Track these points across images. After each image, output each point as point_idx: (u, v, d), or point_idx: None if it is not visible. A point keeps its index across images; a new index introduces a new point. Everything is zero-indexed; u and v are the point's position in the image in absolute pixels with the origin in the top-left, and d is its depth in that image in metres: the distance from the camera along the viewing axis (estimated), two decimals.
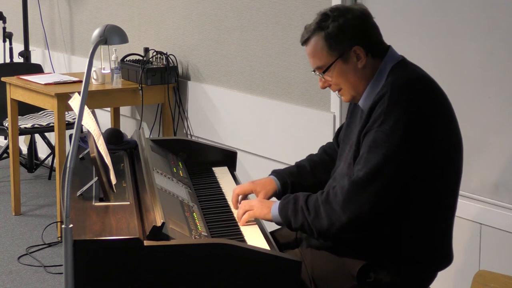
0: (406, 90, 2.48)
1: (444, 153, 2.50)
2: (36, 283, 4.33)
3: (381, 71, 2.56)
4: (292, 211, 2.55)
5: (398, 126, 2.42)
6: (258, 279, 2.38)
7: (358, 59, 2.55)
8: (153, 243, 2.34)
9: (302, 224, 2.53)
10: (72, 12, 6.08)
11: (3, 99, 5.40)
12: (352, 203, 2.44)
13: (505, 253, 3.31)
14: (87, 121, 2.72)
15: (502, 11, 3.25)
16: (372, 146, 2.44)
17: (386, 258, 2.53)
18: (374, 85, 2.56)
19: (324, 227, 2.48)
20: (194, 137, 5.03)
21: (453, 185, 2.57)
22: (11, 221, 5.26)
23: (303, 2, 4.14)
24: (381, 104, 2.46)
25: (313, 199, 2.52)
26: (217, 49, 4.80)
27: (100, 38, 2.56)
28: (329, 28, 2.54)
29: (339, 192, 2.46)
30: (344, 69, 2.56)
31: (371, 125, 2.47)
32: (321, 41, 2.56)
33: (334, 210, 2.45)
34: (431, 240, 2.55)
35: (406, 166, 2.44)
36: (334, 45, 2.54)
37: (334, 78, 2.59)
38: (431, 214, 2.52)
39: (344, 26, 2.54)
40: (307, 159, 2.95)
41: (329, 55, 2.56)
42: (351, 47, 2.54)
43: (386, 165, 2.42)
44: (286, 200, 2.59)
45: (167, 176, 2.94)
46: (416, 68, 2.61)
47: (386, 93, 2.47)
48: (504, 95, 3.28)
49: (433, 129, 2.47)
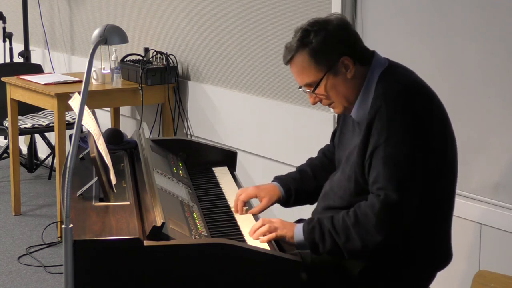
0: (400, 99, 2.46)
1: (441, 155, 2.50)
2: (36, 283, 4.33)
3: (369, 80, 2.54)
4: (319, 235, 2.50)
5: (404, 136, 2.42)
6: (258, 279, 2.38)
7: (347, 70, 2.52)
8: (153, 243, 2.34)
9: (331, 248, 2.49)
10: (72, 12, 6.08)
11: (3, 99, 5.39)
12: (387, 223, 2.42)
13: (505, 253, 3.31)
14: (87, 121, 2.72)
15: (502, 11, 3.25)
16: (386, 163, 2.42)
17: (386, 259, 2.53)
18: (364, 94, 2.54)
19: (357, 249, 2.46)
20: (194, 137, 5.03)
21: (450, 185, 2.58)
22: (11, 221, 5.26)
23: (303, 2, 4.14)
24: (379, 118, 2.45)
25: (340, 221, 2.48)
26: (217, 49, 4.80)
27: (100, 38, 2.56)
28: (313, 43, 2.51)
29: (369, 212, 2.43)
30: (335, 82, 2.54)
31: (377, 141, 2.45)
32: (307, 58, 2.52)
33: (367, 231, 2.43)
34: (430, 240, 2.55)
35: (423, 172, 2.44)
36: (321, 59, 2.51)
37: (325, 92, 2.56)
38: (429, 215, 2.52)
39: (328, 39, 2.51)
40: (307, 163, 2.94)
41: (318, 71, 2.53)
42: (338, 59, 2.51)
43: (407, 177, 2.42)
44: (311, 225, 2.53)
45: (167, 176, 2.94)
46: (405, 72, 2.59)
47: (381, 107, 2.45)
48: (504, 95, 3.28)
49: (430, 133, 2.47)
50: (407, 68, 2.62)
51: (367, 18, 3.80)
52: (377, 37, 3.74)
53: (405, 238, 2.51)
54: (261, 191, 2.83)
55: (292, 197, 2.83)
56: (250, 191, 2.84)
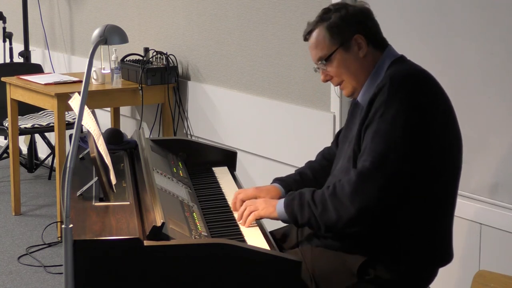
0: (405, 83, 2.49)
1: (442, 148, 2.51)
2: (36, 283, 4.33)
3: (379, 66, 2.59)
4: (298, 206, 2.55)
5: (399, 117, 2.44)
6: (258, 279, 2.38)
7: (359, 48, 2.59)
8: (153, 243, 2.34)
9: (309, 219, 2.53)
10: (72, 12, 6.08)
11: (3, 99, 5.40)
12: (360, 193, 2.44)
13: (505, 253, 3.31)
14: (87, 121, 2.72)
15: (502, 11, 3.25)
16: (374, 137, 2.45)
17: (386, 255, 2.53)
18: (373, 79, 2.59)
19: (332, 220, 2.48)
20: (194, 137, 5.03)
21: (452, 181, 2.58)
22: (11, 221, 5.26)
23: (303, 2, 4.14)
24: (381, 95, 2.48)
25: (320, 194, 2.52)
26: (217, 49, 4.80)
27: (100, 38, 2.56)
28: (331, 19, 2.60)
29: (346, 184, 2.46)
30: (346, 58, 2.60)
31: (372, 116, 2.48)
32: (323, 32, 2.61)
33: (342, 202, 2.46)
34: (431, 237, 2.55)
35: (408, 157, 2.45)
36: (335, 34, 2.59)
37: (335, 68, 2.61)
38: (430, 211, 2.53)
39: (346, 16, 2.60)
40: (307, 166, 2.94)
41: (331, 44, 2.60)
42: (352, 35, 2.59)
43: (391, 153, 2.43)
44: (292, 197, 2.59)
45: (167, 176, 2.94)
46: (415, 64, 2.63)
47: (386, 84, 2.48)
48: (504, 95, 3.28)
49: (431, 124, 2.48)
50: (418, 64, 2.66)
51: None
52: None
53: (405, 235, 2.52)
54: (261, 192, 2.83)
55: None
56: (249, 192, 2.84)
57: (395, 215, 2.50)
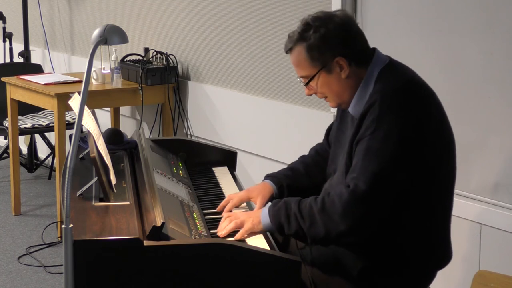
0: (397, 96, 2.46)
1: (437, 155, 2.49)
2: (36, 283, 4.33)
3: (368, 77, 2.54)
4: (285, 217, 2.50)
5: (391, 133, 2.41)
6: (258, 279, 2.38)
7: (341, 69, 2.54)
8: (153, 243, 2.34)
9: (296, 231, 2.49)
10: (72, 12, 6.08)
11: (3, 99, 5.40)
12: (352, 214, 2.40)
13: (505, 253, 3.31)
14: (87, 121, 2.72)
15: (502, 11, 3.25)
16: (366, 154, 2.42)
17: (386, 260, 2.53)
18: (362, 90, 2.55)
19: (320, 235, 2.45)
20: (194, 137, 5.03)
21: (447, 184, 2.57)
22: (11, 221, 5.26)
23: (303, 2, 4.14)
24: (372, 111, 2.44)
25: (307, 206, 2.48)
26: (217, 49, 4.80)
27: (100, 38, 2.56)
28: (311, 40, 2.53)
29: (337, 201, 2.42)
30: (328, 79, 2.55)
31: (363, 132, 2.45)
32: (303, 53, 2.55)
33: (332, 219, 2.42)
34: (428, 240, 2.55)
35: (403, 172, 2.43)
36: (316, 56, 2.53)
37: (318, 87, 2.58)
38: (427, 215, 2.52)
39: (326, 37, 2.52)
40: (300, 161, 2.93)
41: (312, 66, 2.55)
42: (333, 58, 2.53)
43: (384, 173, 2.40)
44: (277, 207, 2.54)
45: (167, 176, 2.94)
46: (405, 70, 2.59)
47: (377, 101, 2.45)
48: (504, 95, 3.28)
49: (425, 134, 2.46)
50: (407, 67, 2.62)
51: (367, 18, 3.80)
52: (377, 36, 3.73)
53: (403, 239, 2.51)
54: (252, 193, 2.81)
55: (284, 194, 2.81)
56: (241, 195, 2.82)
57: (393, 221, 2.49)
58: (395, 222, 2.49)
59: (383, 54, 2.61)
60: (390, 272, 2.54)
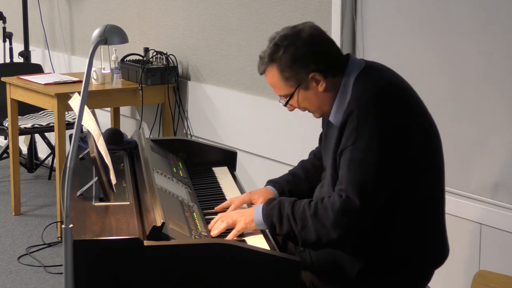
0: (374, 102, 2.44)
1: (423, 155, 2.49)
2: (36, 283, 4.33)
3: (345, 85, 2.53)
4: (278, 218, 2.51)
5: (372, 141, 2.40)
6: (258, 279, 2.38)
7: (317, 84, 2.53)
8: (153, 243, 2.34)
9: (288, 232, 2.50)
10: (72, 12, 6.08)
11: (3, 99, 5.40)
12: (343, 224, 2.41)
13: (505, 253, 3.31)
14: (87, 121, 2.72)
15: (502, 11, 3.25)
16: (350, 165, 2.42)
17: (381, 260, 2.53)
18: (340, 99, 2.53)
19: (311, 240, 2.46)
20: (194, 137, 5.03)
21: (436, 182, 2.57)
22: (11, 221, 5.26)
23: (303, 2, 4.14)
24: (351, 121, 2.43)
25: (300, 209, 2.48)
26: (217, 49, 4.80)
27: (100, 38, 2.56)
28: (282, 60, 2.52)
29: (329, 208, 2.42)
30: (306, 95, 2.55)
31: (345, 143, 2.44)
32: (276, 74, 2.55)
33: (323, 226, 2.43)
34: (423, 240, 2.54)
35: (390, 176, 2.43)
36: (290, 76, 2.52)
37: (300, 104, 2.58)
38: (420, 215, 2.52)
39: (296, 56, 2.51)
40: (299, 166, 2.94)
41: (288, 86, 2.55)
42: (308, 75, 2.51)
43: (370, 183, 2.40)
44: (271, 206, 2.54)
45: (167, 176, 2.94)
46: (382, 73, 2.57)
47: (355, 109, 2.44)
48: (504, 95, 3.28)
49: (408, 136, 2.45)
50: (383, 69, 2.60)
51: (367, 18, 3.80)
52: (377, 36, 3.74)
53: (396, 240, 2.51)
54: (254, 195, 2.81)
55: None
56: (243, 197, 2.83)
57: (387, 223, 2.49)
58: (389, 223, 2.50)
59: (358, 59, 2.60)
60: (387, 273, 2.54)
